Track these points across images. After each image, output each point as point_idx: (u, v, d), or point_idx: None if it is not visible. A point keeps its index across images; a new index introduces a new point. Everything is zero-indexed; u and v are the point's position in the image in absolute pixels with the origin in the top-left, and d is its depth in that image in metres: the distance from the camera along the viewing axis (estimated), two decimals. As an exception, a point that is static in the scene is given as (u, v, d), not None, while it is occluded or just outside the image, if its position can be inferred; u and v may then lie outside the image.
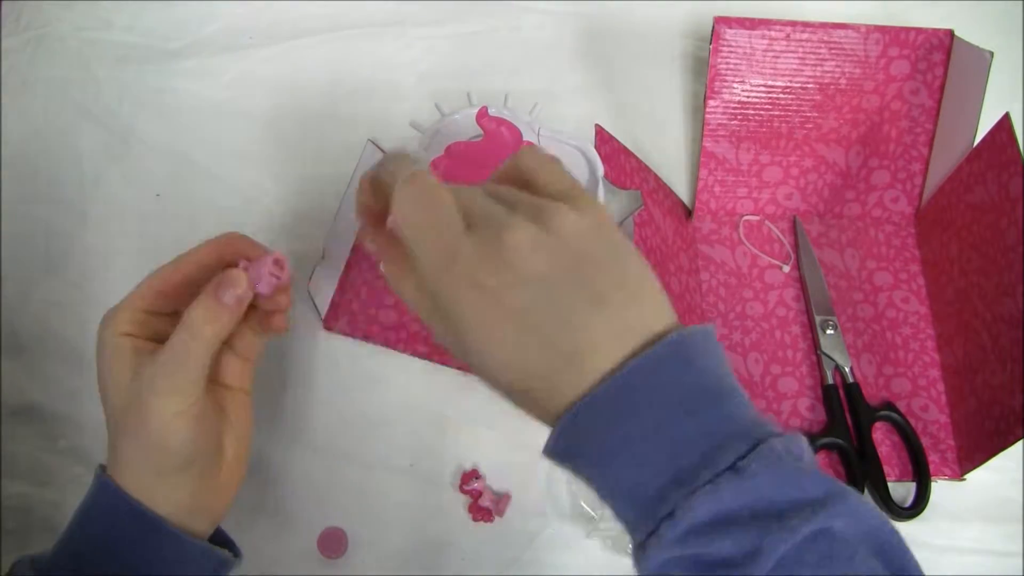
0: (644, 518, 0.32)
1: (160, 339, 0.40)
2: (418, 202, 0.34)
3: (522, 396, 0.34)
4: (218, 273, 0.41)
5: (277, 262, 0.41)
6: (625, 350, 0.33)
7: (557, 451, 0.34)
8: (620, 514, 0.33)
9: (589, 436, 0.33)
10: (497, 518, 0.53)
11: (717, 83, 0.59)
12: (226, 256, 0.42)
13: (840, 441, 0.55)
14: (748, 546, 0.30)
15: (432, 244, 0.34)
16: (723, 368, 0.34)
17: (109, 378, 0.40)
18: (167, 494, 0.40)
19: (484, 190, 0.36)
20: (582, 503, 0.53)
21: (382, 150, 0.59)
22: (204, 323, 0.39)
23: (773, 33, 0.58)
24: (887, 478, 0.54)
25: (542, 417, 0.34)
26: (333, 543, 0.52)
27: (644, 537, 0.31)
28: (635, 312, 0.33)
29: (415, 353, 0.56)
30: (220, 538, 0.44)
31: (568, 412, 0.32)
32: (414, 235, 0.34)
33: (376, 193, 0.37)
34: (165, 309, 0.42)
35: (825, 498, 0.31)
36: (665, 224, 0.59)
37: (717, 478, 0.31)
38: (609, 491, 0.33)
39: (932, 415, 0.57)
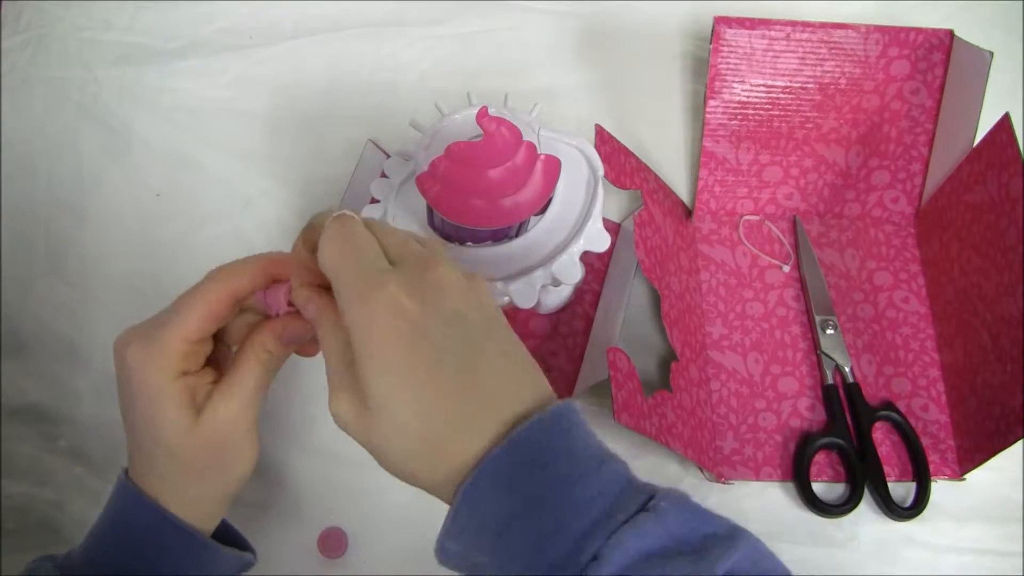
0: (562, 572, 0.31)
1: (203, 357, 0.40)
2: (342, 237, 0.35)
3: (421, 458, 0.33)
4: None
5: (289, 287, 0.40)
6: (523, 407, 0.34)
7: (455, 532, 0.33)
8: None
9: (489, 504, 0.32)
10: (497, 518, 0.53)
11: (717, 83, 0.59)
12: (269, 276, 0.40)
13: (840, 441, 0.55)
14: None
15: (354, 274, 0.34)
16: (595, 437, 0.35)
17: (162, 420, 0.39)
18: (200, 507, 0.41)
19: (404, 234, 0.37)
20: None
21: (382, 150, 0.59)
22: (262, 375, 0.40)
23: (773, 33, 0.58)
24: (887, 478, 0.54)
25: (436, 488, 0.34)
26: (333, 543, 0.52)
27: None
28: (531, 374, 0.35)
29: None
30: (228, 533, 0.45)
31: (471, 475, 0.32)
32: (337, 266, 0.34)
33: (308, 244, 0.37)
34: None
35: (734, 533, 0.33)
36: (665, 224, 0.59)
37: (633, 518, 0.31)
38: (517, 566, 0.32)
39: (932, 415, 0.57)
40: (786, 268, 0.62)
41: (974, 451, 0.54)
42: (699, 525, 0.33)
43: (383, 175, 0.55)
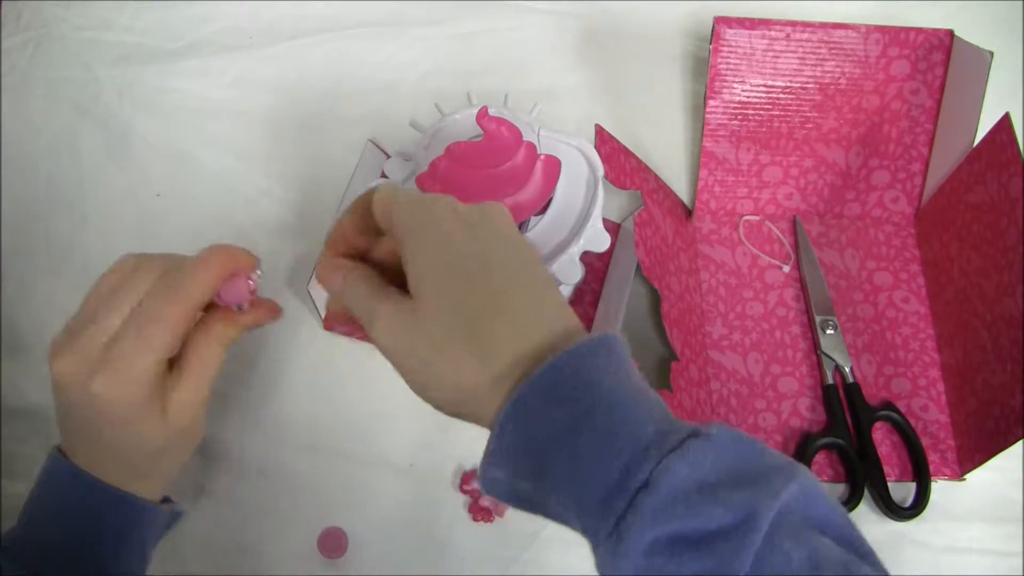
0: (611, 501, 0.29)
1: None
2: (401, 190, 0.37)
3: (470, 351, 0.33)
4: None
5: (246, 276, 0.41)
6: (569, 324, 0.34)
7: (500, 453, 0.32)
8: (582, 514, 0.31)
9: (538, 418, 0.31)
10: (497, 518, 0.53)
11: (717, 83, 0.59)
12: (225, 275, 0.40)
13: (840, 441, 0.55)
14: (740, 513, 0.28)
15: (416, 196, 0.36)
16: (637, 372, 0.34)
17: (140, 432, 0.40)
18: (154, 480, 0.43)
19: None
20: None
21: (382, 150, 0.59)
22: (220, 356, 0.42)
23: (773, 33, 0.58)
24: (887, 478, 0.54)
25: (482, 397, 0.33)
26: (333, 543, 0.52)
27: (615, 523, 0.29)
28: (558, 297, 0.36)
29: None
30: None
31: (513, 393, 0.32)
32: (399, 197, 0.36)
33: (361, 211, 0.38)
34: None
35: (790, 464, 0.31)
36: (665, 224, 0.59)
37: (684, 443, 0.30)
38: (566, 490, 0.31)
39: (932, 415, 0.57)
40: (786, 268, 0.62)
41: (974, 451, 0.54)
42: (753, 452, 0.31)
43: (383, 175, 0.55)
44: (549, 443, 0.31)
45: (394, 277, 0.37)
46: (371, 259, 0.40)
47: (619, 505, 0.29)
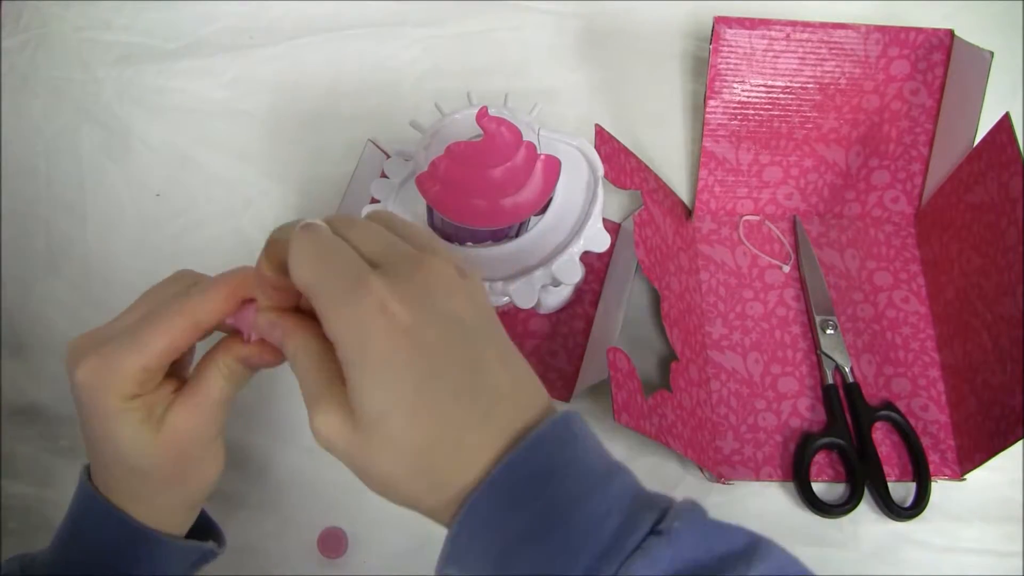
0: None
1: (162, 374, 0.38)
2: (314, 247, 0.32)
3: (419, 478, 0.31)
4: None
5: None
6: (525, 418, 0.32)
7: (456, 555, 0.31)
8: None
9: (493, 524, 0.30)
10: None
11: (717, 83, 0.59)
12: (237, 301, 0.37)
13: (840, 441, 0.55)
14: None
15: (334, 284, 0.31)
16: (601, 444, 0.33)
17: (119, 439, 0.37)
18: (164, 515, 0.40)
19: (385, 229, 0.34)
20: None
21: (382, 150, 0.59)
22: (228, 388, 0.38)
23: (773, 33, 0.58)
24: (887, 478, 0.54)
25: (435, 511, 0.32)
26: (333, 543, 0.52)
27: None
28: (531, 382, 0.33)
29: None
30: (203, 521, 0.44)
31: (472, 495, 0.30)
32: (312, 278, 0.31)
33: (273, 263, 0.34)
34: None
35: (753, 548, 0.31)
36: (665, 224, 0.59)
37: (643, 543, 0.29)
38: None
39: (932, 415, 0.57)
40: (786, 268, 0.62)
41: (974, 451, 0.54)
42: (714, 545, 0.31)
43: (383, 175, 0.55)
44: (505, 551, 0.30)
45: None
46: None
47: None
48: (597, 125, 0.56)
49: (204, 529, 0.44)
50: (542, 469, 0.31)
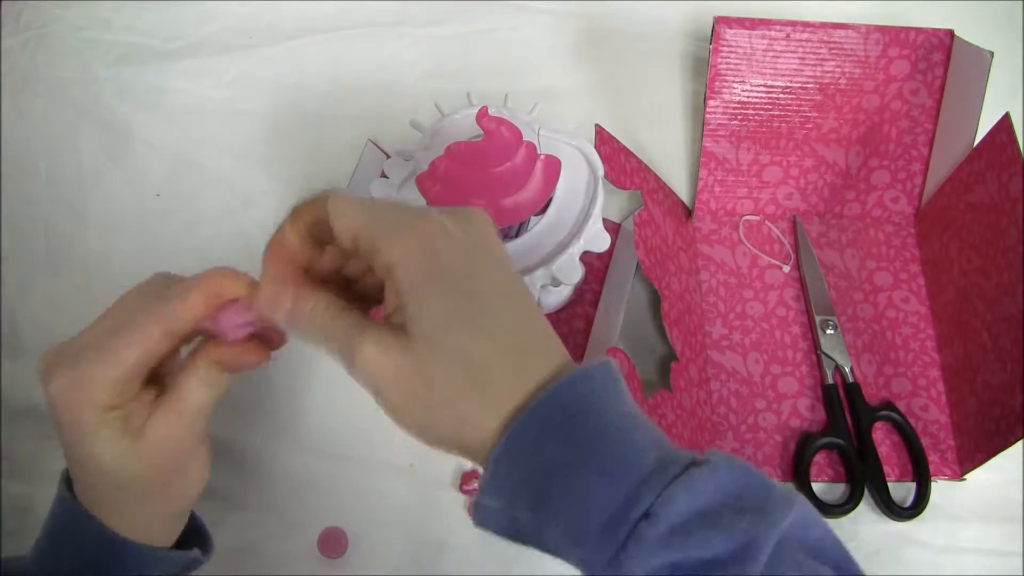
0: (612, 531, 0.29)
1: (139, 383, 0.36)
2: (357, 198, 0.33)
3: (468, 397, 0.31)
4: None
5: (242, 307, 0.36)
6: (565, 359, 0.33)
7: (496, 484, 0.31)
8: (580, 543, 0.30)
9: (536, 450, 0.30)
10: (497, 518, 0.53)
11: (717, 83, 0.59)
12: (215, 304, 0.36)
13: (840, 441, 0.55)
14: (740, 540, 0.29)
15: (393, 216, 0.32)
16: (634, 402, 0.33)
17: (96, 451, 0.35)
18: (147, 527, 0.39)
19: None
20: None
21: (382, 150, 0.59)
22: (207, 395, 0.37)
23: (773, 33, 0.58)
24: (887, 478, 0.54)
25: (478, 440, 0.31)
26: (333, 543, 0.52)
27: (615, 552, 0.29)
28: (549, 327, 0.34)
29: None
30: (192, 524, 0.43)
31: (518, 418, 0.30)
32: (367, 216, 0.32)
33: (299, 228, 0.35)
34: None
35: (789, 491, 0.31)
36: (665, 224, 0.59)
37: (686, 472, 0.30)
38: (564, 519, 0.30)
39: (932, 415, 0.57)
40: (786, 268, 0.62)
41: (974, 451, 0.54)
42: (752, 482, 0.31)
43: (383, 175, 0.55)
44: (548, 474, 0.30)
45: (344, 295, 0.35)
46: (313, 274, 0.36)
47: (620, 535, 0.29)
48: (597, 125, 0.56)
49: (193, 532, 0.43)
50: (586, 401, 0.31)
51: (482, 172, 0.47)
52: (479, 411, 0.31)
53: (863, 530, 0.54)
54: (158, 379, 0.38)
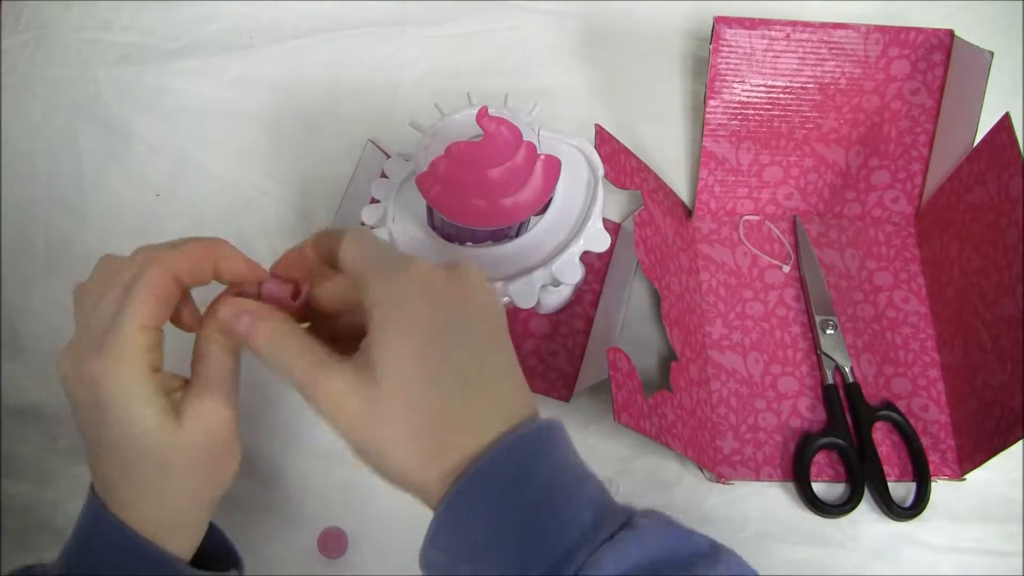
0: None
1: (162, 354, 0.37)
2: (370, 238, 0.36)
3: (423, 446, 0.33)
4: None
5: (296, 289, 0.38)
6: (519, 418, 0.34)
7: (439, 542, 0.33)
8: None
9: (474, 515, 0.32)
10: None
11: (717, 83, 0.59)
12: (211, 261, 0.38)
13: (840, 441, 0.55)
14: None
15: (387, 259, 0.35)
16: (577, 456, 0.35)
17: (143, 427, 0.35)
18: (182, 517, 0.39)
19: None
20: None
21: (382, 150, 0.59)
22: (227, 359, 0.38)
23: (773, 33, 0.58)
24: (887, 478, 0.54)
25: (425, 488, 0.34)
26: (333, 543, 0.52)
27: None
28: (526, 391, 0.35)
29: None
30: (219, 540, 0.43)
31: (455, 486, 0.32)
32: (366, 256, 0.35)
33: (318, 251, 0.37)
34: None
35: (716, 550, 0.33)
36: (665, 224, 0.59)
37: (614, 536, 0.32)
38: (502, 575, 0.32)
39: (932, 415, 0.57)
40: (786, 268, 0.62)
41: (974, 451, 0.54)
42: (679, 543, 0.33)
43: (383, 175, 0.55)
44: (488, 532, 0.32)
45: (316, 321, 0.38)
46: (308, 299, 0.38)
47: None
48: (597, 125, 0.56)
49: (223, 551, 0.42)
50: (522, 468, 0.33)
51: (482, 172, 0.47)
52: (431, 471, 0.33)
53: (863, 530, 0.54)
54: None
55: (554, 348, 0.58)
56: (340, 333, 0.38)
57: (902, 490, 0.55)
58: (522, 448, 0.33)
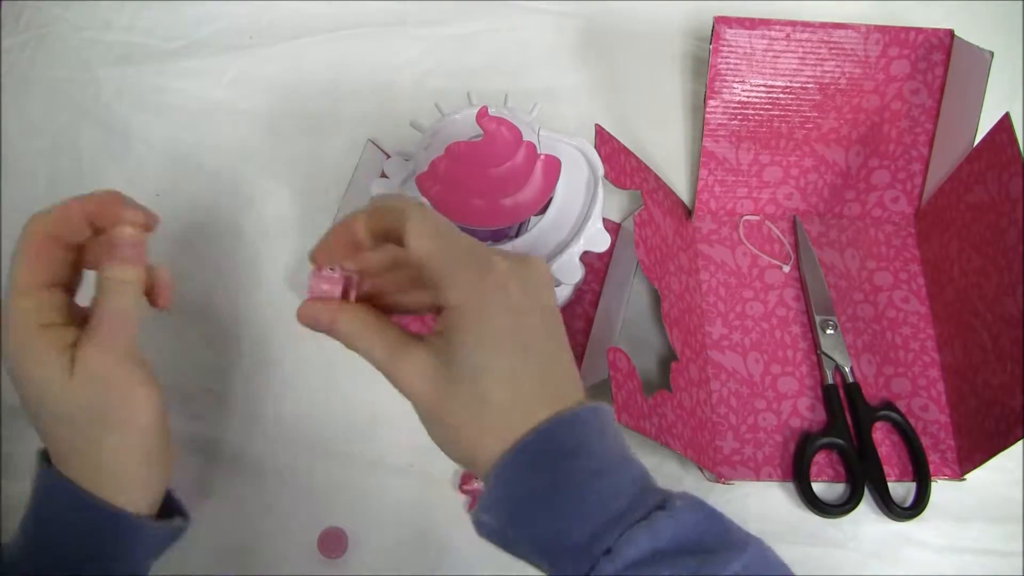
0: (579, 561, 0.33)
1: (65, 311, 0.40)
2: (437, 222, 0.35)
3: (491, 429, 0.35)
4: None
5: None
6: (570, 402, 0.36)
7: (489, 503, 0.35)
8: (553, 565, 0.34)
9: (521, 482, 0.34)
10: (497, 518, 0.53)
11: (717, 83, 0.59)
12: (88, 219, 0.40)
13: (840, 441, 0.55)
14: None
15: (462, 257, 0.35)
16: (624, 441, 0.37)
17: (37, 379, 0.38)
18: (117, 473, 0.40)
19: None
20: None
21: (382, 150, 0.59)
22: (128, 286, 0.39)
23: (773, 33, 0.58)
24: (887, 478, 0.54)
25: (485, 462, 0.35)
26: (333, 543, 0.52)
27: None
28: (577, 376, 0.37)
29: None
30: (172, 502, 0.44)
31: (507, 454, 0.34)
32: (440, 248, 0.35)
33: (372, 228, 0.37)
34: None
35: (746, 539, 0.34)
36: (665, 224, 0.59)
37: (649, 515, 0.33)
38: (541, 544, 0.34)
39: (932, 415, 0.57)
40: (786, 268, 0.62)
41: (974, 451, 0.54)
42: (712, 527, 0.34)
43: (383, 175, 0.55)
44: (532, 501, 0.34)
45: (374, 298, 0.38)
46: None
47: (584, 566, 0.33)
48: (597, 125, 0.56)
49: (171, 511, 0.44)
50: (568, 444, 0.34)
51: (482, 172, 0.47)
52: (495, 447, 0.35)
53: (863, 530, 0.54)
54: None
55: (554, 348, 0.58)
56: (395, 305, 0.39)
57: (902, 490, 0.55)
58: (570, 424, 0.35)
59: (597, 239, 0.51)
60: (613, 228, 0.61)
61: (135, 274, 0.39)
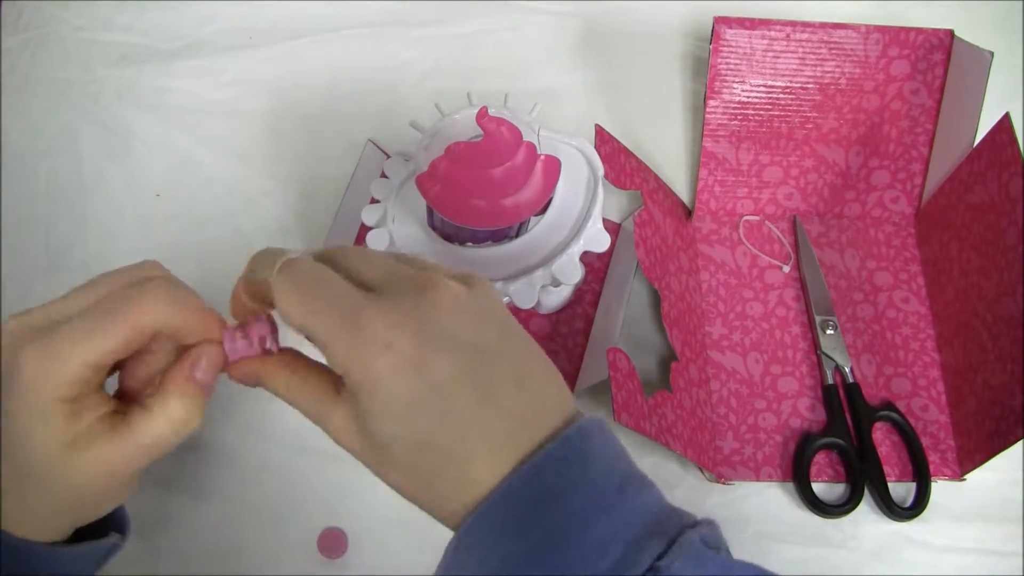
0: None
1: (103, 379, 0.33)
2: (298, 285, 0.31)
3: (430, 492, 0.32)
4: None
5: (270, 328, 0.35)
6: (544, 429, 0.31)
7: (453, 571, 0.31)
8: None
9: (491, 546, 0.30)
10: (497, 518, 0.53)
11: (717, 83, 0.59)
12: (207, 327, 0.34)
13: (840, 441, 0.55)
14: None
15: (329, 321, 0.30)
16: (624, 456, 0.32)
17: (35, 436, 0.31)
18: (48, 525, 0.34)
19: (384, 253, 0.34)
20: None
21: (382, 150, 0.59)
22: (186, 426, 0.33)
23: (773, 33, 0.58)
24: (887, 478, 0.54)
25: (444, 520, 0.32)
26: (333, 543, 0.52)
27: None
28: (552, 386, 0.32)
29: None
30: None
31: (470, 517, 0.30)
32: (305, 318, 0.30)
33: (254, 299, 0.33)
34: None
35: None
36: (665, 224, 0.59)
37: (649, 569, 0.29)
38: None
39: (932, 415, 0.57)
40: (786, 268, 0.62)
41: (974, 451, 0.54)
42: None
43: (383, 175, 0.55)
44: (503, 572, 0.30)
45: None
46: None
47: None
48: (597, 125, 0.56)
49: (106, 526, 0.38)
50: (544, 493, 0.30)
51: (482, 172, 0.47)
52: (433, 505, 0.32)
53: (863, 530, 0.54)
54: (123, 396, 0.35)
55: (554, 348, 0.58)
56: None
57: (902, 490, 0.55)
58: (533, 481, 0.30)
59: (597, 239, 0.51)
60: (613, 228, 0.61)
61: (199, 413, 0.33)
